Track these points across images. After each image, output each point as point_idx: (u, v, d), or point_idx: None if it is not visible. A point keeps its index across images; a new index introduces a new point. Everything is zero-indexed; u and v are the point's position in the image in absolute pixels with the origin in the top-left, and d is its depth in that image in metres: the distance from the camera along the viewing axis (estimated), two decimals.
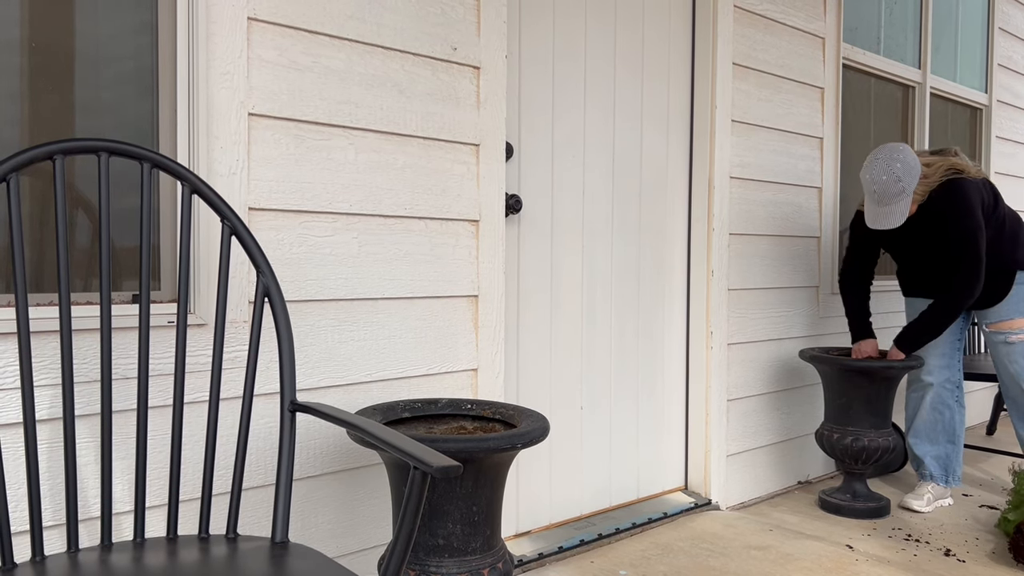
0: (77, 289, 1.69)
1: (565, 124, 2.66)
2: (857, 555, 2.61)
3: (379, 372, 2.09)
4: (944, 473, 3.09)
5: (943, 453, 3.08)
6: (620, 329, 2.86)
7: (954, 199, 2.78)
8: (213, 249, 1.80)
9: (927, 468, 3.10)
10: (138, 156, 1.45)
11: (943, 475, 3.09)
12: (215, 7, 1.77)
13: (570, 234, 2.69)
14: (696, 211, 3.04)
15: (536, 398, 2.63)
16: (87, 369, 1.63)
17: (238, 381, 1.84)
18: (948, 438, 3.07)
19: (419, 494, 1.19)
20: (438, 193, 2.19)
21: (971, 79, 4.55)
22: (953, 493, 3.28)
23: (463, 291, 2.25)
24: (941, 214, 2.82)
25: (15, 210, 1.30)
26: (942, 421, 3.06)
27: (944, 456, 3.08)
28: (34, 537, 1.30)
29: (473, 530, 1.71)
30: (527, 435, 1.69)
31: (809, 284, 3.43)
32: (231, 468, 1.84)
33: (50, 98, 1.65)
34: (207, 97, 1.77)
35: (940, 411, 3.06)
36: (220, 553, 1.35)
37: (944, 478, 3.09)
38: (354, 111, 2.01)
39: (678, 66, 3.00)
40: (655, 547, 2.64)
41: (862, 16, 3.75)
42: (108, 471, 1.38)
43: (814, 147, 3.41)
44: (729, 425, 3.10)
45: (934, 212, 2.84)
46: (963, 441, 3.11)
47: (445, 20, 2.18)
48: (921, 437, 3.11)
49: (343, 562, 2.04)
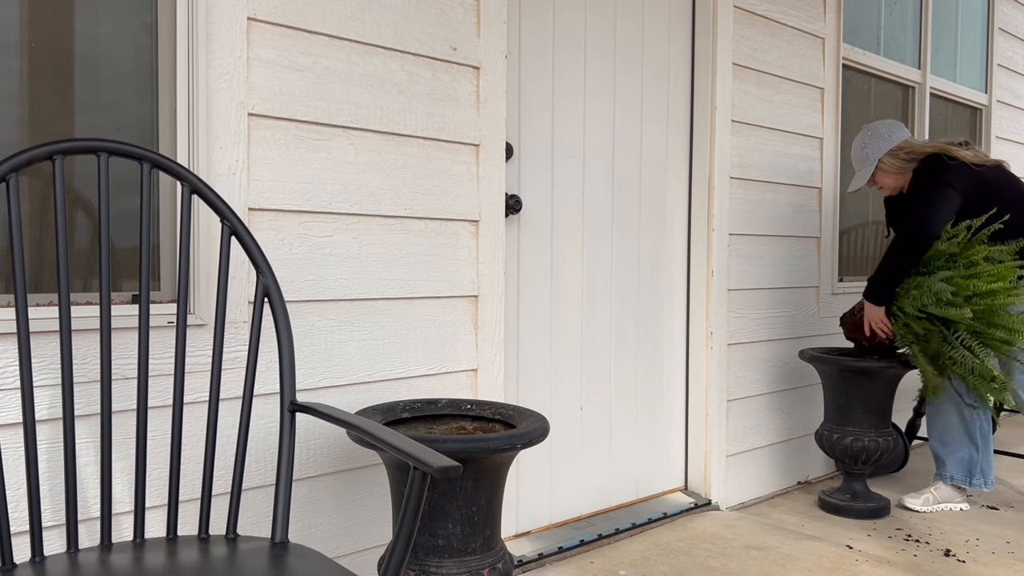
0: (77, 289, 1.69)
1: (565, 124, 2.66)
2: (857, 555, 2.61)
3: (379, 372, 2.09)
4: (967, 475, 3.06)
5: (966, 456, 3.05)
6: (620, 329, 2.86)
7: (920, 174, 2.96)
8: (213, 249, 1.80)
9: (947, 470, 3.07)
10: (138, 156, 1.45)
11: (965, 477, 3.06)
12: (215, 7, 1.77)
13: (570, 234, 2.69)
14: (696, 211, 3.04)
15: (536, 398, 2.63)
16: (87, 369, 1.63)
17: (238, 381, 1.84)
18: (971, 440, 3.04)
19: (419, 494, 1.19)
20: (438, 193, 2.19)
21: (971, 79, 4.55)
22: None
23: (463, 291, 2.25)
24: (913, 188, 3.00)
25: (15, 210, 1.30)
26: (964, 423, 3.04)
27: (967, 459, 3.05)
28: (34, 537, 1.30)
29: (473, 530, 1.71)
30: (527, 435, 1.69)
31: (809, 284, 3.43)
32: (231, 468, 1.84)
33: (50, 98, 1.65)
34: (207, 97, 1.77)
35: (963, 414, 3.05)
36: (220, 553, 1.35)
37: (967, 480, 3.06)
38: (354, 111, 2.01)
39: (678, 66, 3.00)
40: (655, 547, 2.64)
41: (862, 16, 3.75)
42: (108, 471, 1.38)
43: (814, 147, 3.41)
44: (729, 425, 3.10)
45: (911, 188, 3.01)
46: (991, 445, 3.07)
47: (445, 20, 2.18)
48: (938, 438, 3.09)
49: (343, 562, 2.04)
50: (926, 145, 2.98)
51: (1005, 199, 2.91)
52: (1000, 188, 2.93)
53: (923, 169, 2.95)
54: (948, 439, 3.07)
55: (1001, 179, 2.95)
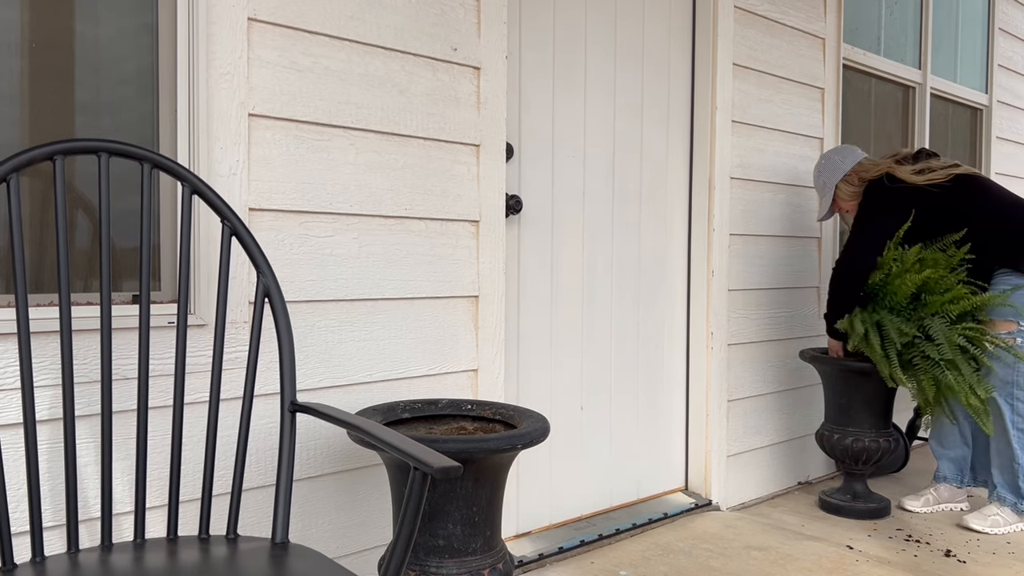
0: (77, 289, 1.69)
1: (565, 124, 2.66)
2: (857, 555, 2.61)
3: (379, 372, 2.09)
4: (959, 475, 3.07)
5: (959, 455, 3.07)
6: (620, 329, 2.86)
7: (861, 202, 2.97)
8: (213, 249, 1.80)
9: (940, 470, 3.09)
10: (138, 156, 1.45)
11: (958, 476, 3.07)
12: (215, 8, 1.77)
13: (570, 234, 2.69)
14: (696, 211, 3.04)
15: (536, 398, 2.63)
16: (87, 369, 1.63)
17: (238, 381, 1.84)
18: (964, 441, 3.06)
19: (419, 494, 1.19)
20: (438, 194, 2.19)
21: (971, 79, 4.55)
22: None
23: (463, 292, 2.25)
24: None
25: (15, 210, 1.30)
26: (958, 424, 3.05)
27: (960, 458, 3.07)
28: (34, 537, 1.30)
29: (473, 531, 1.71)
30: (527, 436, 1.69)
31: (809, 284, 3.43)
32: (231, 468, 1.84)
33: (50, 99, 1.65)
34: (207, 98, 1.77)
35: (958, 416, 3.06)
36: (220, 554, 1.35)
37: (959, 479, 3.07)
38: (354, 111, 2.01)
39: (678, 67, 3.00)
40: (655, 547, 2.64)
41: (862, 16, 3.75)
42: (108, 471, 1.38)
43: (814, 148, 3.41)
44: (729, 425, 3.10)
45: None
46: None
47: (445, 20, 2.18)
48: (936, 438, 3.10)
49: (343, 562, 2.04)
50: (872, 167, 2.96)
51: (958, 213, 2.86)
52: (953, 204, 2.86)
53: (863, 197, 2.95)
54: (945, 439, 3.08)
55: (958, 193, 2.86)
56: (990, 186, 2.92)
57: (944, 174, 2.89)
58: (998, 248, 2.84)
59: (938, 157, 3.03)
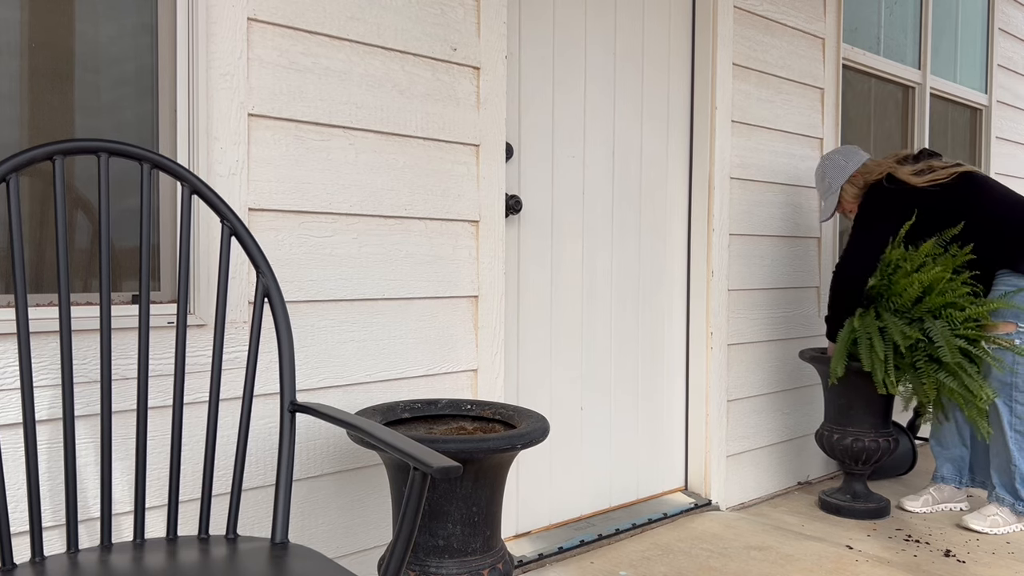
0: (77, 289, 1.69)
1: (565, 124, 2.66)
2: (857, 555, 2.61)
3: (379, 372, 2.09)
4: (958, 475, 3.08)
5: (958, 456, 3.07)
6: (620, 329, 2.86)
7: (860, 206, 2.98)
8: (213, 249, 1.80)
9: (938, 471, 3.10)
10: (138, 156, 1.45)
11: (956, 476, 3.08)
12: (215, 8, 1.77)
13: (570, 235, 2.69)
14: (696, 211, 3.04)
15: (536, 398, 2.63)
16: (87, 369, 1.63)
17: (238, 381, 1.84)
18: (963, 441, 3.06)
19: (419, 495, 1.19)
20: (438, 194, 2.19)
21: (971, 79, 4.55)
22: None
23: (463, 292, 2.25)
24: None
25: (15, 210, 1.30)
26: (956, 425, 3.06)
27: (959, 459, 3.07)
28: (34, 538, 1.30)
29: (473, 531, 1.71)
30: (527, 436, 1.69)
31: (809, 284, 3.43)
32: (231, 469, 1.84)
33: (50, 99, 1.65)
34: (207, 98, 1.77)
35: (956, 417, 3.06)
36: (220, 554, 1.35)
37: (957, 479, 3.08)
38: (354, 111, 2.01)
39: (678, 67, 3.00)
40: (655, 548, 2.64)
41: (862, 16, 3.75)
42: (108, 471, 1.38)
43: (814, 148, 3.41)
44: (729, 425, 3.10)
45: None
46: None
47: (445, 21, 2.18)
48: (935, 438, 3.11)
49: (343, 562, 2.04)
50: (875, 168, 2.96)
51: (957, 214, 2.86)
52: (953, 205, 2.85)
53: (864, 199, 2.96)
54: (944, 440, 3.08)
55: (957, 194, 2.86)
56: (990, 186, 2.92)
57: (946, 173, 2.89)
58: (998, 249, 2.84)
59: (940, 157, 3.03)
